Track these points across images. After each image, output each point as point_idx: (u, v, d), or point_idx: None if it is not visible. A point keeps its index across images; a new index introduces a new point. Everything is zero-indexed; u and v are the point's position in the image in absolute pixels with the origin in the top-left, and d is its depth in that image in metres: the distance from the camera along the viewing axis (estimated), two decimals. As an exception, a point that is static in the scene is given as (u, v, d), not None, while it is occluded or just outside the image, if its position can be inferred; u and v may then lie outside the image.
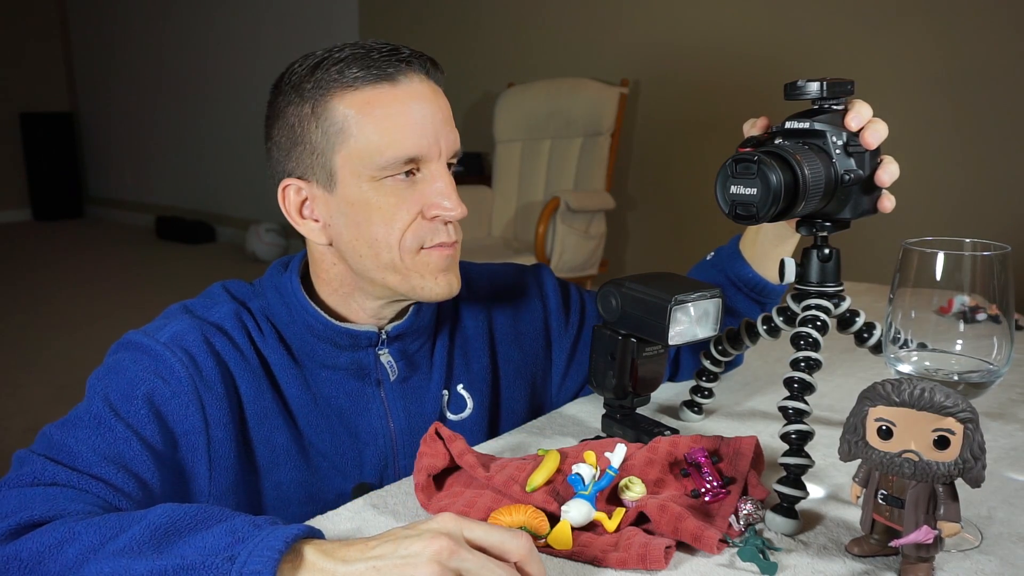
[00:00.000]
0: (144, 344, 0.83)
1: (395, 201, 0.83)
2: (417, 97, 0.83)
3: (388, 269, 0.86)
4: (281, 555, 0.57)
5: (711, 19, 3.55)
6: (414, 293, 0.87)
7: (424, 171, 0.84)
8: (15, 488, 0.70)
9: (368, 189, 0.83)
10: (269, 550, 0.57)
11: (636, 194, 3.94)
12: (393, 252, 0.85)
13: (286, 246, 5.43)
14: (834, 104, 0.77)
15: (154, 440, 0.78)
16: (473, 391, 0.98)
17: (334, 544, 0.59)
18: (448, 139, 0.85)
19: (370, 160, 0.82)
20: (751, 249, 1.01)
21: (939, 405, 0.59)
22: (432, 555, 0.55)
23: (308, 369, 0.90)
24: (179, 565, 0.57)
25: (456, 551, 0.56)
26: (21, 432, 2.77)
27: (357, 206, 0.84)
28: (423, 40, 4.52)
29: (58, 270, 5.41)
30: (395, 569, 0.55)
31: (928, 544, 0.60)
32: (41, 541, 0.63)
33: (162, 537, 0.60)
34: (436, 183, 0.84)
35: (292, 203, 0.88)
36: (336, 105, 0.82)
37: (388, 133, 0.81)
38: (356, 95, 0.82)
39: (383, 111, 0.82)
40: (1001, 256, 0.68)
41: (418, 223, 0.85)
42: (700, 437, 0.81)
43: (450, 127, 0.86)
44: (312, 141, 0.84)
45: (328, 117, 0.83)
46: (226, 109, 6.04)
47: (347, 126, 0.82)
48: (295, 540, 0.58)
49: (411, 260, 0.85)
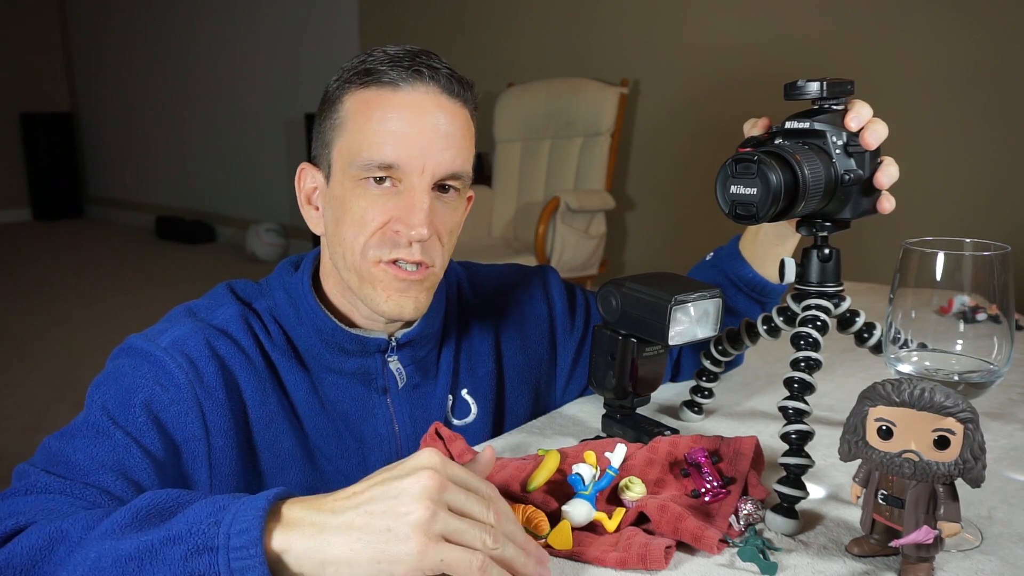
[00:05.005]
0: (144, 349, 0.82)
1: (366, 205, 0.83)
2: (413, 107, 0.82)
3: (352, 271, 0.85)
4: (266, 512, 0.56)
5: (711, 19, 3.55)
6: (366, 302, 0.86)
7: (404, 184, 0.82)
8: (8, 499, 0.69)
9: (349, 188, 0.84)
10: (254, 508, 0.56)
11: (636, 194, 3.94)
12: (356, 256, 0.84)
13: (286, 246, 5.43)
14: (834, 104, 0.77)
15: (154, 447, 0.77)
16: (477, 396, 0.98)
17: (319, 498, 0.58)
18: (438, 158, 0.81)
19: (352, 158, 0.83)
20: (751, 249, 1.00)
21: (939, 405, 0.59)
22: (422, 491, 0.54)
23: (315, 373, 0.89)
24: (164, 537, 0.56)
25: (445, 485, 0.55)
26: (21, 432, 2.77)
27: (338, 202, 0.85)
28: (423, 40, 4.51)
29: (58, 270, 5.41)
30: (388, 511, 0.54)
31: (928, 544, 0.60)
32: (31, 545, 0.61)
33: (144, 518, 0.59)
34: (410, 198, 0.82)
35: (305, 188, 0.91)
36: (346, 100, 0.84)
37: (371, 135, 0.81)
38: (362, 93, 0.83)
39: (375, 113, 0.82)
40: (1001, 256, 0.68)
41: (382, 233, 0.83)
42: (700, 437, 0.81)
43: (446, 146, 0.82)
44: (324, 131, 0.87)
45: (337, 109, 0.85)
46: (226, 109, 6.04)
47: (346, 121, 0.84)
48: (277, 499, 0.57)
49: (368, 269, 0.84)
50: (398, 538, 0.53)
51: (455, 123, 0.83)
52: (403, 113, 0.81)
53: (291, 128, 5.52)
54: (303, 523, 0.56)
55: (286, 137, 5.58)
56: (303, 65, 5.31)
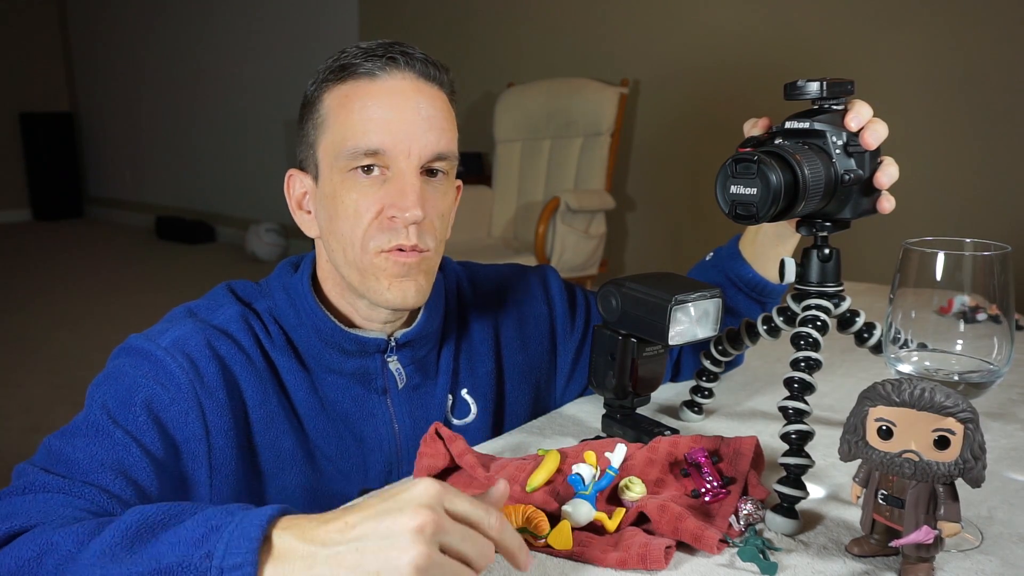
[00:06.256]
0: (144, 349, 0.81)
1: (357, 197, 0.83)
2: (392, 93, 0.83)
3: (352, 266, 0.85)
4: (259, 542, 0.54)
5: (711, 19, 3.55)
6: (369, 295, 0.86)
7: (392, 170, 0.83)
8: (5, 498, 0.68)
9: (338, 182, 0.84)
10: (247, 539, 0.54)
11: (636, 194, 3.94)
12: (356, 250, 0.84)
13: (286, 246, 5.43)
14: (834, 104, 0.77)
15: (154, 447, 0.77)
16: (477, 396, 0.98)
17: (311, 523, 0.55)
18: (422, 140, 0.82)
19: (337, 151, 0.83)
20: (751, 249, 1.00)
21: (939, 405, 0.59)
22: (415, 532, 0.51)
23: (315, 373, 0.89)
24: (155, 569, 0.54)
25: (440, 524, 0.53)
26: (21, 432, 2.77)
27: (329, 199, 0.85)
28: (423, 40, 4.52)
29: (58, 270, 5.41)
30: (379, 550, 0.52)
31: (928, 544, 0.60)
32: (20, 556, 0.60)
33: (135, 538, 0.57)
34: (399, 182, 0.82)
35: (294, 194, 0.91)
36: (324, 98, 0.85)
37: (354, 125, 0.82)
38: (339, 89, 0.84)
39: (355, 104, 0.83)
40: (1001, 256, 0.67)
41: (379, 223, 0.83)
42: (700, 437, 0.81)
43: (428, 128, 0.83)
44: (307, 133, 0.87)
45: (317, 109, 0.86)
46: (226, 109, 6.04)
47: (327, 118, 0.85)
48: (270, 523, 0.55)
49: (369, 261, 0.84)
50: None
51: (435, 106, 0.85)
52: (383, 100, 0.82)
53: (291, 128, 5.51)
54: (294, 555, 0.54)
55: (286, 137, 5.58)
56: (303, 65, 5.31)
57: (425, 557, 0.51)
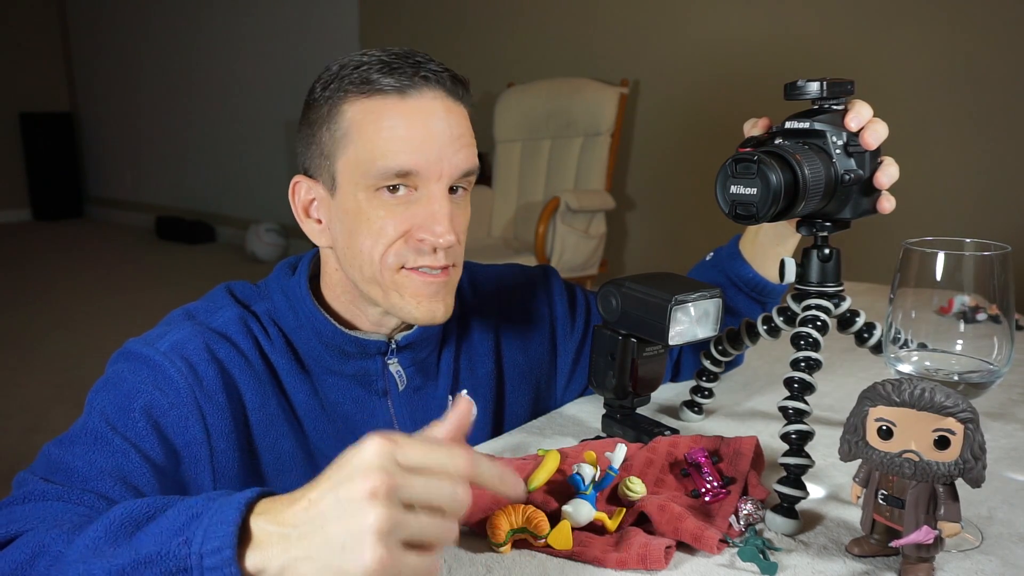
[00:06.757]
0: (143, 354, 0.81)
1: (384, 215, 0.82)
2: (424, 113, 0.81)
3: (371, 282, 0.85)
4: (237, 526, 0.53)
5: (711, 19, 3.55)
6: (395, 311, 0.86)
7: (422, 190, 0.82)
8: (6, 508, 0.68)
9: (363, 199, 0.82)
10: (224, 524, 0.53)
11: (636, 194, 3.94)
12: (375, 267, 0.83)
13: (286, 246, 5.43)
14: (834, 104, 0.77)
15: (154, 453, 0.76)
16: (477, 396, 0.98)
17: (282, 504, 0.54)
18: (453, 161, 0.82)
19: (365, 169, 0.81)
20: (751, 249, 1.00)
21: (939, 405, 0.59)
22: (369, 497, 0.49)
23: (315, 375, 0.89)
24: (135, 560, 0.54)
25: (392, 483, 0.50)
26: (21, 432, 2.77)
27: (351, 214, 0.84)
28: (422, 40, 4.52)
29: (58, 270, 5.41)
30: (339, 521, 0.50)
31: (928, 544, 0.60)
32: (14, 559, 0.60)
33: (119, 531, 0.57)
34: (430, 205, 0.82)
35: (300, 200, 0.89)
36: (346, 110, 0.82)
37: (384, 144, 0.80)
38: (365, 103, 0.82)
39: (385, 122, 0.81)
40: (1001, 256, 0.68)
41: (403, 242, 0.83)
42: (700, 437, 0.81)
43: (459, 147, 0.82)
44: (322, 142, 0.84)
45: (337, 121, 0.83)
46: (226, 109, 6.04)
47: (351, 132, 0.82)
48: (248, 506, 0.54)
49: (391, 277, 0.84)
50: (354, 555, 0.50)
51: (462, 124, 0.84)
52: (414, 119, 0.81)
53: (291, 128, 5.51)
54: (271, 540, 0.53)
55: (286, 137, 5.58)
56: (303, 65, 5.31)
57: (385, 519, 0.49)
